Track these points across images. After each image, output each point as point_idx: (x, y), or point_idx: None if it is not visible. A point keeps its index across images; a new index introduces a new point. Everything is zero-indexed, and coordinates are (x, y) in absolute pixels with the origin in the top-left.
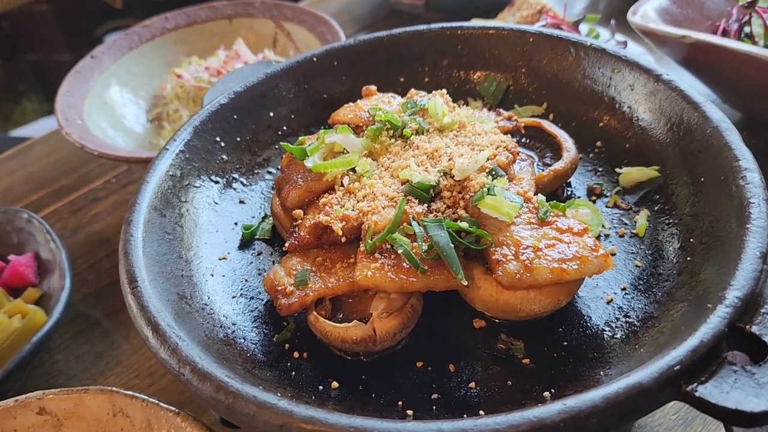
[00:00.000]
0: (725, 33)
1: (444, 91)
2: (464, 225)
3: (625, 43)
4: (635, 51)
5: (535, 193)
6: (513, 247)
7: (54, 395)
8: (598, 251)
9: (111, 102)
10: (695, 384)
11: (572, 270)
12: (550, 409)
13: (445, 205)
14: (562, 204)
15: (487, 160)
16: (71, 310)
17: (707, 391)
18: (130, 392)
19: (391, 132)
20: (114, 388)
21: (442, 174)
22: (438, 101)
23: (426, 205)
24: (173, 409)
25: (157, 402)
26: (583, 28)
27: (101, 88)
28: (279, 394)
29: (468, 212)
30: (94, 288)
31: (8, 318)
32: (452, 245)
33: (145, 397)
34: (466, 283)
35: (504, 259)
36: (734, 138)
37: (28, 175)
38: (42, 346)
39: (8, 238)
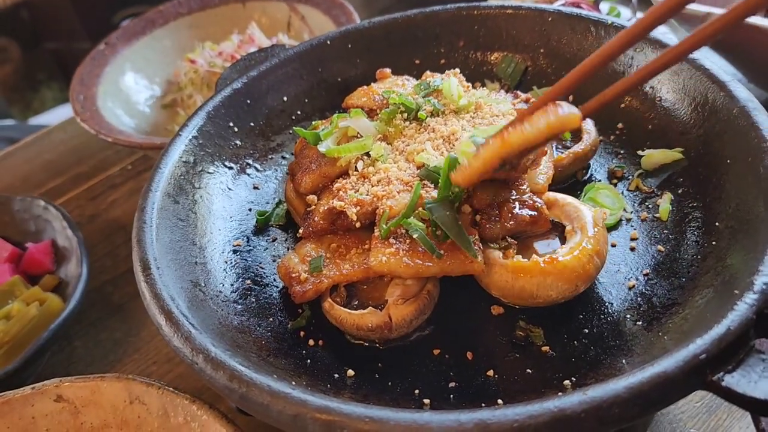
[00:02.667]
0: None
1: (457, 70)
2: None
3: None
4: (658, 29)
5: (554, 176)
6: None
7: (71, 383)
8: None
9: (125, 88)
10: (722, 373)
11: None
12: (571, 399)
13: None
14: None
15: None
16: (89, 296)
17: (734, 380)
18: (147, 379)
19: (405, 115)
20: (130, 376)
21: None
22: (452, 82)
23: None
24: (189, 396)
25: (173, 389)
26: (604, 6)
27: (116, 74)
28: (294, 383)
29: None
30: (112, 275)
31: (26, 305)
32: (459, 224)
33: (162, 384)
34: (481, 260)
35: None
36: (762, 118)
37: (46, 162)
38: (60, 333)
39: (26, 226)
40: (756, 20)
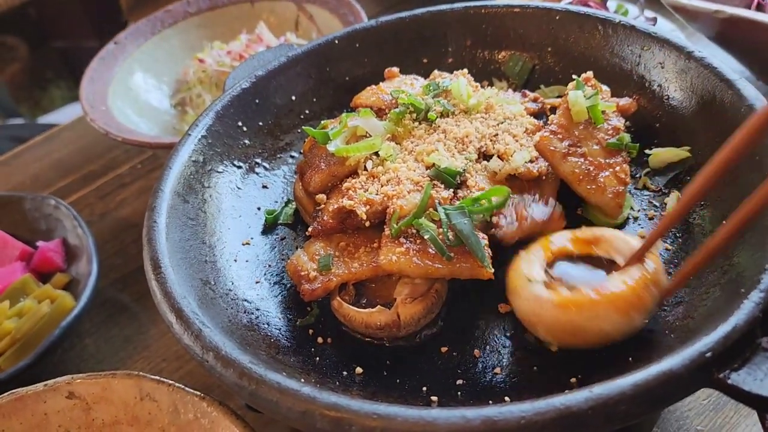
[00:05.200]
0: (760, 7)
1: (465, 71)
2: (478, 193)
3: (654, 20)
4: (666, 28)
5: None
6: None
7: (82, 380)
8: None
9: (135, 88)
10: (728, 371)
11: None
12: (577, 397)
13: (471, 194)
14: None
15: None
16: (100, 294)
17: (740, 378)
18: (157, 377)
19: (414, 115)
20: (141, 373)
21: (469, 161)
22: (461, 82)
23: (452, 190)
24: (199, 393)
25: (183, 386)
26: (611, 4)
27: (125, 74)
28: (303, 380)
29: None
30: (122, 273)
31: (37, 303)
32: (476, 233)
33: (172, 381)
34: (492, 270)
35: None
36: None
37: (56, 161)
38: (71, 330)
39: (37, 225)
40: (763, 17)
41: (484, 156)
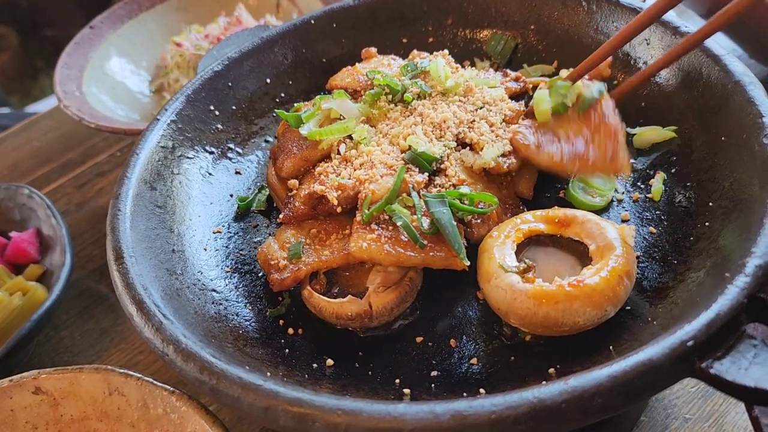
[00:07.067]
0: None
1: (446, 51)
2: (465, 190)
3: None
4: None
5: None
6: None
7: (49, 375)
8: None
9: (111, 73)
10: (710, 360)
11: None
12: (551, 389)
13: (450, 183)
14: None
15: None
16: (76, 286)
17: (723, 367)
18: (125, 371)
19: (390, 97)
20: (109, 367)
21: (448, 149)
22: (439, 63)
23: (426, 175)
24: (168, 387)
25: (152, 380)
26: None
27: (101, 59)
28: (269, 374)
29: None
30: (99, 263)
31: (9, 295)
32: (455, 224)
33: (140, 375)
34: (468, 263)
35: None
36: (758, 93)
37: (34, 150)
38: (43, 323)
39: (10, 215)
40: None
41: (463, 144)
